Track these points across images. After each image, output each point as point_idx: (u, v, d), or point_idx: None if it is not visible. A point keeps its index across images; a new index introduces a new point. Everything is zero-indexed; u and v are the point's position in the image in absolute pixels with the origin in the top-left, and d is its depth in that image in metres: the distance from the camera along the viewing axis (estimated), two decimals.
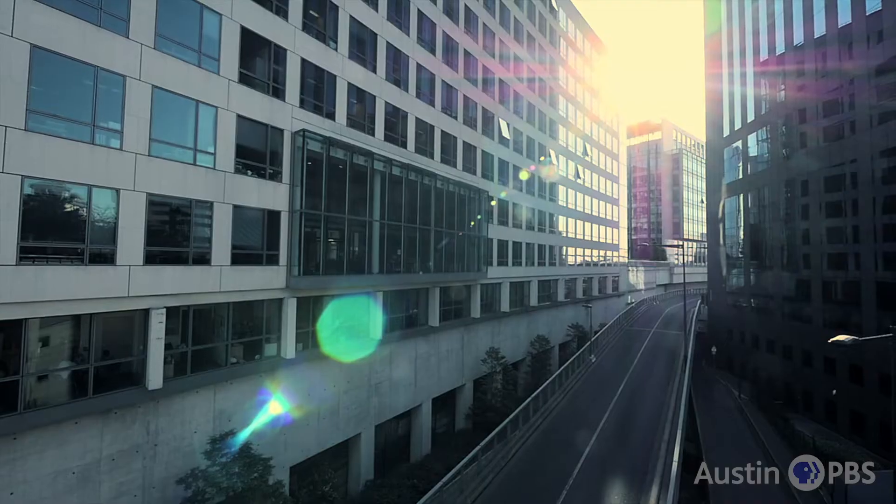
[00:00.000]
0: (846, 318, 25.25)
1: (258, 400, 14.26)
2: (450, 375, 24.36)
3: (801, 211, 29.71)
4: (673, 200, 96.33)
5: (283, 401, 14.92)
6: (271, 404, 14.53)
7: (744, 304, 38.23)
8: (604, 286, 51.05)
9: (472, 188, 25.36)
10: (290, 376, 15.24)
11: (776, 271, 32.57)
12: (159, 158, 11.44)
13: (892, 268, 22.28)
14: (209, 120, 12.75)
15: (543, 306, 36.02)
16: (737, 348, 38.45)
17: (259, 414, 14.19)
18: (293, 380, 15.38)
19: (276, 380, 14.76)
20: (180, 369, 12.25)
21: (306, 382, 15.95)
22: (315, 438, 16.27)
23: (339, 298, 17.41)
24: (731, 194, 40.88)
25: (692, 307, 50.08)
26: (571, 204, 42.22)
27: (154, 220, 11.47)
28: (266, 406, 14.42)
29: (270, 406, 14.51)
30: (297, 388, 15.51)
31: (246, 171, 13.85)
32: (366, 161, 17.94)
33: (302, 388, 15.73)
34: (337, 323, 17.40)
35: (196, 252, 12.36)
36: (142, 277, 10.98)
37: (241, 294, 13.56)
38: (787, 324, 30.91)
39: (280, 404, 14.80)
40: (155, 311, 11.27)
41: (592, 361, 31.96)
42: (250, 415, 13.95)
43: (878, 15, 23.24)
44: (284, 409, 14.94)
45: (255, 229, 14.10)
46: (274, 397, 14.64)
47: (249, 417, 13.90)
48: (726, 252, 42.78)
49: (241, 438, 12.58)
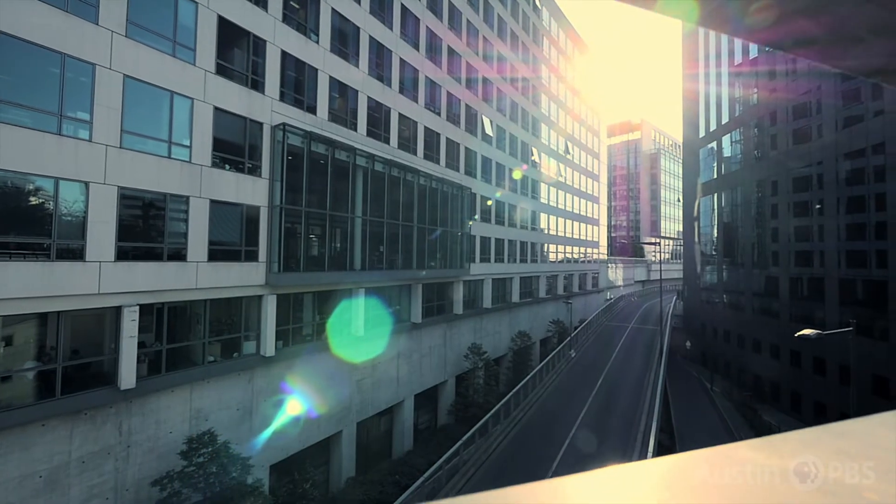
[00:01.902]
0: (811, 313, 26.45)
1: (237, 398, 14.01)
2: (432, 372, 24.44)
3: (770, 210, 30.89)
4: (651, 199, 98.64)
5: (262, 399, 14.70)
6: (251, 402, 14.30)
7: (717, 300, 39.57)
8: (584, 283, 51.98)
9: (455, 185, 25.38)
10: (269, 374, 15.03)
11: (747, 268, 33.81)
12: (132, 151, 11.05)
13: (854, 265, 23.44)
14: (184, 112, 12.37)
15: (525, 302, 36.44)
16: (710, 342, 39.81)
17: (237, 413, 13.95)
18: (273, 378, 15.16)
19: (255, 378, 14.53)
20: (155, 368, 11.92)
21: (287, 380, 15.75)
22: (296, 436, 16.10)
23: (321, 295, 17.22)
24: (706, 194, 42.14)
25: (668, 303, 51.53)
26: (553, 202, 42.76)
27: (126, 214, 11.09)
28: (245, 405, 14.18)
29: (250, 404, 14.27)
30: (277, 386, 15.30)
31: (224, 165, 13.52)
32: (348, 156, 17.74)
33: (282, 387, 15.52)
34: (318, 320, 17.22)
35: (171, 248, 12.02)
36: (113, 274, 10.61)
37: (219, 291, 13.26)
38: (757, 319, 32.17)
39: (260, 403, 14.58)
40: (127, 309, 10.93)
41: (573, 356, 32.57)
42: (228, 414, 13.70)
43: None
44: (264, 408, 14.72)
45: (233, 225, 13.79)
46: (253, 396, 14.41)
47: (227, 416, 13.65)
48: (701, 250, 44.14)
49: (219, 438, 12.35)
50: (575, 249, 48.70)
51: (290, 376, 15.85)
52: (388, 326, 21.14)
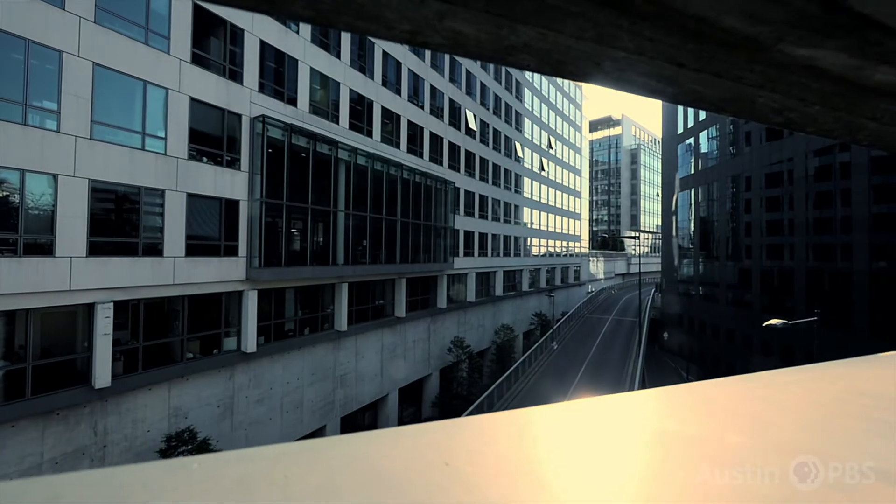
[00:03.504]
0: (781, 303, 27.58)
1: (217, 395, 13.81)
2: (416, 365, 24.53)
3: (744, 205, 31.95)
4: (631, 193, 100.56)
5: (244, 395, 14.53)
6: (232, 399, 14.12)
7: (693, 292, 40.80)
8: (566, 276, 52.79)
9: (438, 179, 25.35)
10: (251, 370, 14.84)
11: (722, 261, 34.95)
12: (102, 142, 10.66)
13: (821, 258, 24.51)
14: (159, 102, 11.98)
15: (508, 296, 36.82)
16: (686, 333, 41.09)
17: (218, 410, 13.75)
18: (255, 374, 14.99)
19: (236, 374, 14.33)
20: (131, 366, 11.63)
21: (268, 376, 15.59)
22: (278, 432, 15.98)
23: (303, 290, 17.04)
24: (683, 189, 43.21)
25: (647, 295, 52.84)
26: (536, 196, 43.16)
27: (98, 208, 10.72)
28: (226, 401, 13.99)
29: (231, 401, 14.09)
30: (258, 382, 15.13)
31: (201, 158, 13.17)
32: (330, 149, 17.51)
33: (264, 382, 15.37)
34: (301, 315, 17.05)
35: (147, 243, 11.69)
36: (85, 270, 10.27)
37: (198, 287, 12.98)
38: (730, 309, 33.36)
39: (241, 399, 14.41)
40: (101, 306, 10.61)
41: (555, 348, 33.15)
42: (209, 411, 13.50)
43: None
44: (245, 404, 14.56)
45: (211, 219, 13.48)
46: (234, 392, 14.23)
47: (208, 413, 13.45)
48: (678, 243, 45.33)
49: (199, 435, 12.16)
50: (557, 243, 49.35)
51: (272, 372, 15.69)
52: (372, 321, 21.09)
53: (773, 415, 0.43)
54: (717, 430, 0.40)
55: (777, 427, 0.39)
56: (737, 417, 0.43)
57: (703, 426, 0.42)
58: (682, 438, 0.37)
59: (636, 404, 0.51)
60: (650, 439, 0.38)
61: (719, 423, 0.43)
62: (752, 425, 0.41)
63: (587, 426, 0.43)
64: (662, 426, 0.42)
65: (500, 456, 0.33)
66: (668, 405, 0.50)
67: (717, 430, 0.40)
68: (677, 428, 0.41)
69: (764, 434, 0.36)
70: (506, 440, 0.36)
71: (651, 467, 0.33)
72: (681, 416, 0.45)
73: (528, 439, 0.37)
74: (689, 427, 0.41)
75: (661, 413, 0.47)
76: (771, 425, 0.40)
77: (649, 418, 0.45)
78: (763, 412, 0.45)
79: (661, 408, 0.49)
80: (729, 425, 0.41)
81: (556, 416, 0.45)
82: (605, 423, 0.45)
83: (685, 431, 0.38)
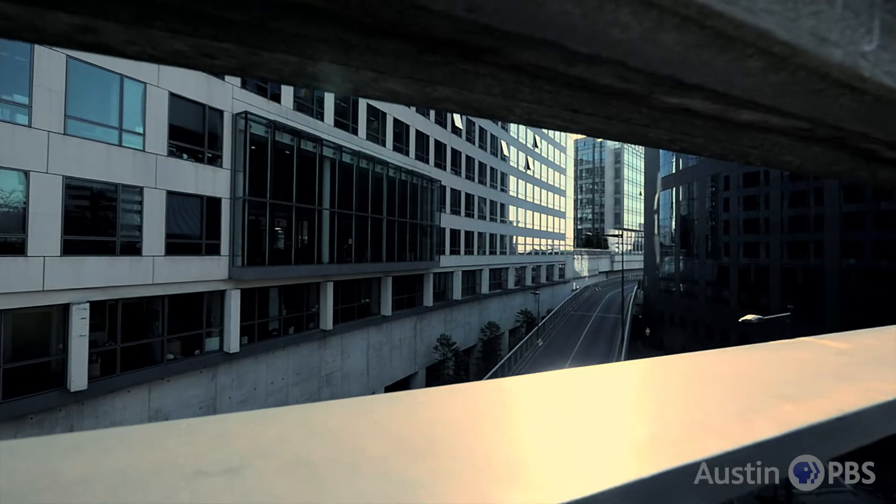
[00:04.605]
0: (757, 300, 28.44)
1: (199, 396, 13.57)
2: (403, 364, 24.52)
3: (723, 204, 32.79)
4: (615, 192, 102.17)
5: (227, 396, 14.32)
6: (214, 400, 13.90)
7: (674, 289, 41.73)
8: (551, 274, 53.38)
9: (424, 177, 25.32)
10: (234, 371, 14.63)
11: (701, 259, 35.82)
12: (77, 138, 10.34)
13: (794, 255, 25.35)
14: (136, 97, 11.67)
15: (494, 294, 37.06)
16: (667, 329, 42.02)
17: (200, 411, 13.52)
18: (238, 374, 14.78)
19: (218, 375, 14.11)
20: (109, 368, 11.34)
21: (252, 376, 15.39)
22: None
23: (288, 289, 16.85)
24: (665, 188, 44.09)
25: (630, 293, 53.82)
26: (522, 194, 43.48)
27: (73, 206, 10.41)
28: (208, 402, 13.77)
29: (213, 402, 13.87)
30: (242, 382, 14.93)
31: (181, 155, 12.89)
32: (314, 147, 17.31)
33: (247, 383, 15.17)
34: (285, 314, 16.87)
35: (124, 241, 11.39)
36: (60, 269, 9.97)
37: (179, 286, 12.72)
38: (709, 306, 34.24)
39: (224, 400, 14.20)
40: (76, 307, 10.31)
41: (540, 345, 33.54)
42: (190, 412, 13.26)
43: None
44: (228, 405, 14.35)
45: (192, 217, 13.21)
46: (217, 393, 14.01)
47: (189, 415, 13.20)
48: (660, 241, 46.27)
49: None
50: (543, 241, 49.85)
51: (256, 372, 15.49)
52: (358, 320, 21.00)
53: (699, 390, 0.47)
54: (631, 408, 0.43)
55: (694, 403, 0.42)
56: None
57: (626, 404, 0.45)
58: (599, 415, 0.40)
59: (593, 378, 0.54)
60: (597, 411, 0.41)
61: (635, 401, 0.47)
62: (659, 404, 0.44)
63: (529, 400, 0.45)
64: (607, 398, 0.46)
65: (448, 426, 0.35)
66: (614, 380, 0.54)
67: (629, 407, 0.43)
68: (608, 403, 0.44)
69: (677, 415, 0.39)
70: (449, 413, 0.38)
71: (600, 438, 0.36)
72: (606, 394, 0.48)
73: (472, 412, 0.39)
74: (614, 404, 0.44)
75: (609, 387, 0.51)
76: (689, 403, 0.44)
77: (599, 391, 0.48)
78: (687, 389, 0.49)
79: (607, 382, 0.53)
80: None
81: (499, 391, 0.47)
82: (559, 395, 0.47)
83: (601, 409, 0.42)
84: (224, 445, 0.29)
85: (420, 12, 0.29)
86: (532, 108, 0.43)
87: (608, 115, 0.46)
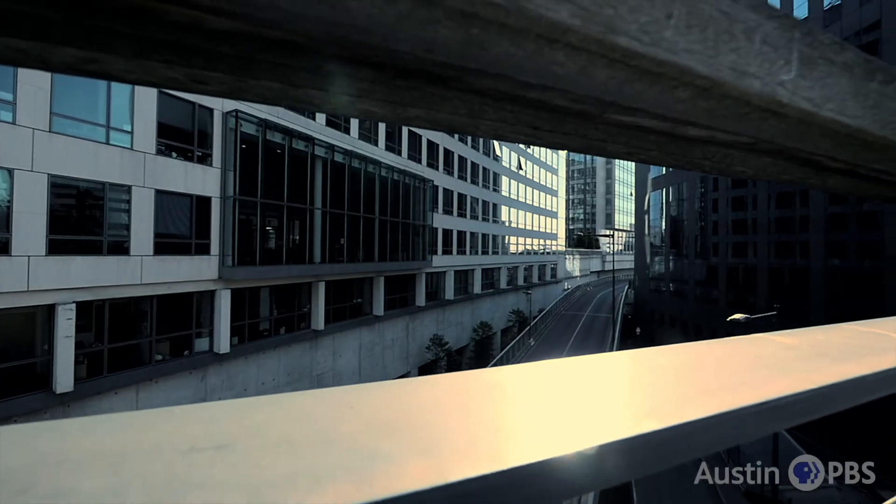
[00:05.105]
0: (744, 299, 28.92)
1: (188, 398, 13.45)
2: (395, 364, 24.51)
3: (712, 205, 33.28)
4: (606, 193, 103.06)
5: (216, 397, 14.20)
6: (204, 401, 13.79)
7: (664, 289, 42.24)
8: (543, 273, 53.69)
9: (417, 177, 25.33)
10: (224, 371, 14.52)
11: (691, 259, 36.32)
12: (63, 135, 10.19)
13: (781, 255, 25.83)
14: (124, 94, 11.53)
15: (487, 293, 37.19)
16: (657, 328, 42.53)
17: None
18: (228, 375, 14.67)
19: (208, 376, 13.99)
20: (95, 369, 11.19)
21: (243, 377, 15.29)
22: None
23: (279, 289, 16.76)
24: (655, 189, 44.60)
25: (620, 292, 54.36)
26: (514, 194, 43.68)
27: (59, 204, 10.26)
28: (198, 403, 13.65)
29: None
30: (232, 383, 14.82)
31: (170, 153, 12.76)
32: (306, 146, 17.24)
33: (238, 384, 15.06)
34: (276, 314, 16.77)
35: (112, 241, 11.25)
36: (45, 269, 9.82)
37: (167, 286, 12.59)
38: (699, 305, 34.73)
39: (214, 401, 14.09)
40: (62, 307, 10.16)
41: (532, 345, 33.75)
42: None
43: None
44: None
45: (181, 216, 13.09)
46: (206, 394, 13.89)
47: None
48: (650, 241, 46.81)
49: None
50: (535, 241, 50.13)
51: (246, 372, 15.39)
52: (350, 319, 20.95)
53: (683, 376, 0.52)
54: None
55: (671, 389, 0.47)
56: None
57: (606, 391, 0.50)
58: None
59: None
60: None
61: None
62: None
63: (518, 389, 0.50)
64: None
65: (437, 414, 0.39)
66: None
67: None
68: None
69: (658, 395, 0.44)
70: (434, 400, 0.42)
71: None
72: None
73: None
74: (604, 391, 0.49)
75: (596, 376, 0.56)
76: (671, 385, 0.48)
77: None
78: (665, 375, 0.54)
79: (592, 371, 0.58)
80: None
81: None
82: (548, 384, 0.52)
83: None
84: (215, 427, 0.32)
85: (389, 51, 0.34)
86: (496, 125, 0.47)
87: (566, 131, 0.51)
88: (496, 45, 0.30)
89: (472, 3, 0.27)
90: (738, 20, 0.36)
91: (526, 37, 0.30)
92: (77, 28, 0.31)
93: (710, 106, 0.39)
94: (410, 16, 0.27)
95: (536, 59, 0.32)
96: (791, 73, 0.40)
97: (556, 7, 0.28)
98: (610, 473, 0.34)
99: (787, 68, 0.39)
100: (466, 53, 0.31)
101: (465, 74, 0.38)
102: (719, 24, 0.35)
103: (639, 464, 0.35)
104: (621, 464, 0.34)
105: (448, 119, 0.45)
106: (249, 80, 0.37)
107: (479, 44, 0.30)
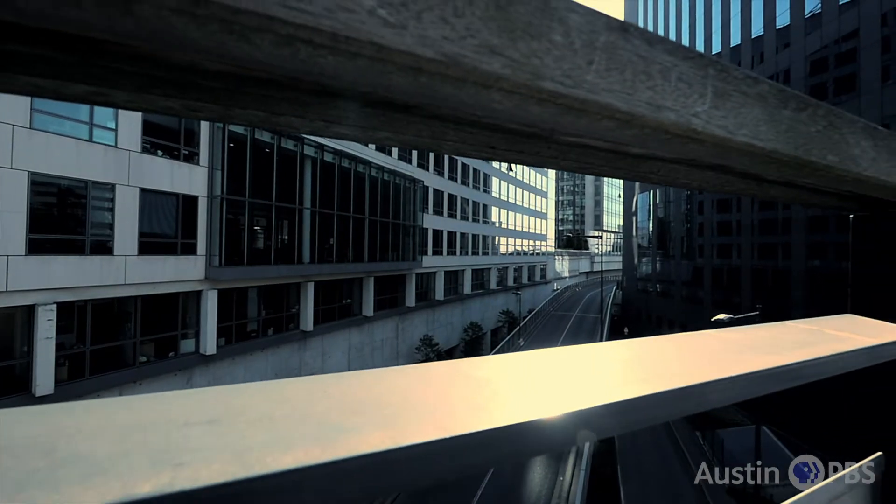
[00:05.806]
0: (729, 299, 29.53)
1: None
2: (384, 364, 24.45)
3: (697, 207, 33.92)
4: (595, 194, 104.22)
5: None
6: None
7: (651, 290, 42.89)
8: (533, 274, 54.08)
9: (407, 177, 25.34)
10: (211, 373, 14.36)
11: (677, 260, 36.96)
12: (44, 132, 10.00)
13: (764, 256, 26.45)
14: None
15: (477, 294, 37.33)
16: (645, 328, 43.13)
17: None
18: (215, 376, 14.50)
19: (194, 377, 13.82)
20: (77, 371, 10.99)
21: (229, 378, 15.12)
22: None
23: (267, 290, 16.62)
24: (643, 190, 45.26)
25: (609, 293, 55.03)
26: (504, 195, 43.94)
27: (40, 203, 10.06)
28: None
29: None
30: (218, 384, 14.64)
31: (156, 152, 12.59)
32: (295, 146, 17.14)
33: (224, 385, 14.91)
34: (264, 315, 16.64)
35: (95, 240, 11.06)
36: (25, 269, 9.62)
37: (152, 287, 12.41)
38: (685, 305, 35.36)
39: None
40: (42, 308, 9.96)
41: (521, 344, 33.98)
42: None
43: (760, 39, 26.96)
44: None
45: (167, 215, 12.92)
46: None
47: None
48: (638, 243, 47.48)
49: None
50: (524, 242, 50.47)
51: (233, 374, 15.23)
52: (339, 320, 20.87)
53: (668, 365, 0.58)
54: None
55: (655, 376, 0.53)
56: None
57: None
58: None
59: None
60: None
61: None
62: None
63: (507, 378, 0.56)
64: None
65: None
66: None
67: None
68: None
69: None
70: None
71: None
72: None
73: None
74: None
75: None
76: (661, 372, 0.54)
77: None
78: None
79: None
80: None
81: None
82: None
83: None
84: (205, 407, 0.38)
85: (356, 91, 0.41)
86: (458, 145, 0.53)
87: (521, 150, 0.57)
88: (442, 88, 0.37)
89: (417, 60, 0.33)
90: (655, 62, 0.43)
91: (465, 83, 0.37)
92: (89, 68, 0.37)
93: (635, 133, 0.46)
94: (369, 69, 0.33)
95: (478, 98, 0.38)
96: (706, 105, 0.46)
97: (489, 60, 0.35)
98: (555, 440, 0.40)
99: (702, 101, 0.46)
100: (419, 93, 0.37)
101: (424, 106, 0.44)
102: (637, 67, 0.42)
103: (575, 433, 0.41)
104: (568, 431, 0.40)
105: (414, 140, 0.51)
106: (237, 109, 0.43)
107: (428, 87, 0.36)
